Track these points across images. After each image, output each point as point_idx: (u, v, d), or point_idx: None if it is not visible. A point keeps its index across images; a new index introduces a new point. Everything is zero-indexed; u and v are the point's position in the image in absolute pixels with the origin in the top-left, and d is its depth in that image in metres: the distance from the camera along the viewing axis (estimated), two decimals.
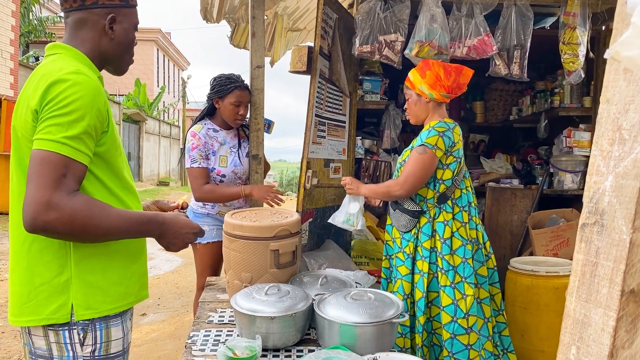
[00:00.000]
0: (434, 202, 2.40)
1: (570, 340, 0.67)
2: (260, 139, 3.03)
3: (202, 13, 4.50)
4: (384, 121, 4.51)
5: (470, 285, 2.32)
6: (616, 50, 0.62)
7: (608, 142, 0.65)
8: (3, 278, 5.59)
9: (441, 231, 2.36)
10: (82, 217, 1.17)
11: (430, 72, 2.37)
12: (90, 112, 1.21)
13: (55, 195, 1.14)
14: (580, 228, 0.67)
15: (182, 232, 1.40)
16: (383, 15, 3.35)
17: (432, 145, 2.32)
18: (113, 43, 1.39)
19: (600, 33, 3.96)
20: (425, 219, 2.40)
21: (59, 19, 17.29)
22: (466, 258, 2.35)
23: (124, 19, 1.40)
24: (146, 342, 3.91)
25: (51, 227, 1.15)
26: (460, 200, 2.42)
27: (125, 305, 1.37)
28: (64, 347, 1.27)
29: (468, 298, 2.31)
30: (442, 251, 2.34)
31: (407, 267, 2.42)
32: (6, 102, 9.90)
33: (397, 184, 2.36)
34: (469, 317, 2.30)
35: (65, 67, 1.24)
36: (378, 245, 3.92)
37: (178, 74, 33.61)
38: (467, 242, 2.36)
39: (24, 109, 1.26)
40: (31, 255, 1.27)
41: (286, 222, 2.03)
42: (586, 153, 4.10)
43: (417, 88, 2.43)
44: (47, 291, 1.25)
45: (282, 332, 1.63)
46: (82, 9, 1.34)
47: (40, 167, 1.15)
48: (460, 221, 2.39)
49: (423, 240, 2.38)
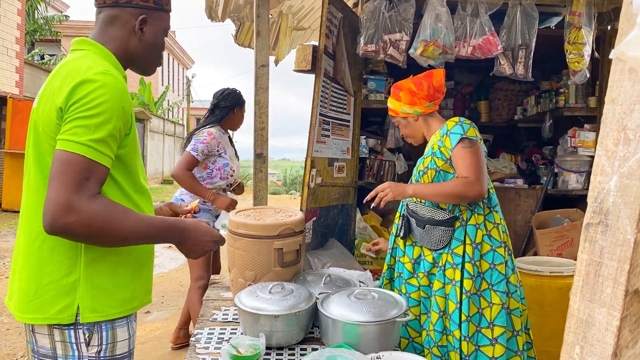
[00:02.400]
0: (466, 205, 2.21)
1: (574, 339, 0.67)
2: (265, 137, 3.04)
3: (207, 12, 4.51)
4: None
5: (497, 293, 2.15)
6: (621, 50, 0.62)
7: (613, 142, 0.65)
8: (8, 275, 5.62)
9: (472, 235, 2.18)
10: (101, 221, 1.16)
11: (403, 92, 2.31)
12: (116, 114, 1.21)
13: (76, 198, 1.13)
14: (584, 228, 0.67)
15: (203, 239, 1.38)
16: (388, 14, 3.34)
17: (476, 137, 2.18)
18: (141, 44, 1.38)
19: (605, 33, 3.95)
20: (458, 223, 2.20)
21: (64, 17, 17.36)
22: (495, 264, 2.17)
23: (155, 22, 1.39)
24: (150, 339, 3.92)
25: (70, 229, 1.14)
26: (490, 200, 2.26)
27: (130, 310, 1.36)
28: (69, 346, 1.26)
29: (494, 307, 2.14)
30: (474, 256, 2.16)
31: (439, 280, 2.21)
32: (11, 100, 9.95)
33: (470, 182, 2.11)
34: (494, 327, 2.13)
35: (93, 66, 1.23)
36: None
37: (182, 73, 33.66)
38: (498, 246, 2.19)
39: (47, 105, 1.24)
40: (42, 253, 1.26)
41: (290, 220, 2.04)
42: (591, 153, 4.08)
43: (400, 112, 2.35)
44: (54, 290, 1.24)
45: (286, 330, 1.64)
46: (115, 6, 1.34)
47: (63, 169, 1.14)
48: (492, 222, 2.23)
49: (454, 247, 2.19)
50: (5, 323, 4.17)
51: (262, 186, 3.13)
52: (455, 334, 2.14)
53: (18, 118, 9.67)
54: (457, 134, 2.18)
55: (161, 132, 21.46)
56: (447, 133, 2.22)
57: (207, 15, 4.55)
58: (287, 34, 5.08)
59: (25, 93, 12.02)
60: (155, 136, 20.65)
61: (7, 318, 4.27)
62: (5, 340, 3.81)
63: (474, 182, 2.11)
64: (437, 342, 2.18)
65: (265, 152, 3.04)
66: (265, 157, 3.03)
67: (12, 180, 9.45)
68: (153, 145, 20.19)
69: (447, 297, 2.18)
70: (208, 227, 1.41)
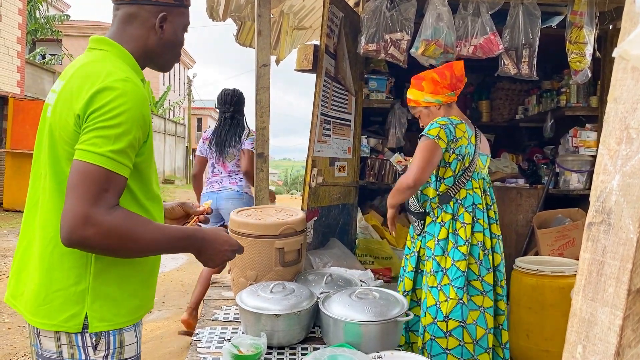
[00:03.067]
0: (436, 202, 2.40)
1: (576, 339, 0.67)
2: (266, 137, 3.04)
3: (208, 11, 4.50)
4: (390, 120, 4.50)
5: (454, 289, 2.28)
6: (624, 48, 0.62)
7: (615, 141, 0.65)
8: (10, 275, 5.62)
9: (437, 232, 2.36)
10: (120, 233, 1.14)
11: (426, 82, 2.42)
12: (137, 124, 1.18)
13: (94, 210, 1.11)
14: (587, 227, 0.67)
15: (222, 249, 1.36)
16: (389, 13, 3.34)
17: (433, 136, 2.30)
18: (161, 42, 1.34)
19: (607, 32, 3.94)
20: (430, 219, 2.42)
21: (65, 17, 17.37)
22: (455, 260, 2.30)
23: (176, 18, 1.35)
24: (151, 339, 3.93)
25: (89, 242, 1.12)
26: (465, 200, 2.36)
27: (138, 318, 1.34)
28: (76, 349, 1.25)
29: (450, 302, 2.28)
30: (435, 252, 2.34)
31: (411, 264, 2.47)
32: (13, 99, 9.95)
33: (405, 175, 2.35)
34: (448, 320, 2.27)
35: (114, 72, 1.20)
36: (383, 244, 3.92)
37: (184, 73, 33.69)
38: (462, 244, 2.30)
39: (65, 110, 1.20)
40: (53, 259, 1.24)
41: (291, 220, 2.04)
42: (592, 153, 4.08)
43: (422, 102, 2.45)
44: (62, 298, 1.23)
45: (287, 329, 1.64)
46: (134, 4, 1.30)
47: (82, 180, 1.12)
48: (462, 222, 2.34)
49: (427, 240, 2.41)
50: (7, 322, 4.17)
51: (263, 186, 3.12)
52: (423, 321, 2.35)
53: (19, 118, 9.68)
54: (423, 133, 2.36)
55: (162, 132, 21.48)
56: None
57: (208, 14, 4.54)
58: (288, 34, 5.08)
59: (26, 93, 12.03)
60: (157, 136, 20.67)
61: (8, 317, 4.28)
62: (6, 340, 3.82)
63: (406, 175, 2.32)
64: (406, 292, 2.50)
65: (267, 152, 3.04)
66: (267, 156, 3.03)
67: (14, 180, 9.45)
68: (154, 145, 20.14)
69: (419, 286, 2.44)
70: (227, 236, 1.39)
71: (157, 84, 26.45)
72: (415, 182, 2.29)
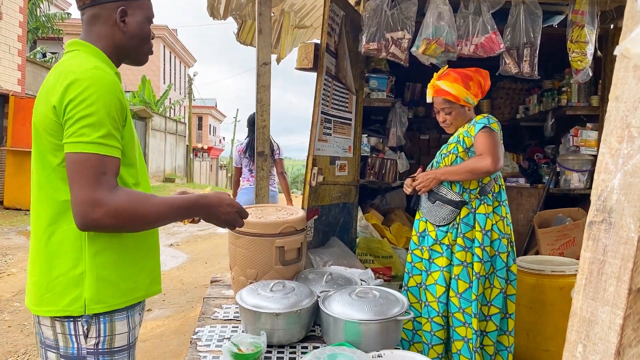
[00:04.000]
0: (476, 194, 2.44)
1: (576, 338, 0.67)
2: (266, 136, 3.04)
3: (209, 10, 4.50)
4: (390, 119, 4.50)
5: (498, 279, 2.42)
6: (626, 47, 0.62)
7: (617, 140, 0.64)
8: (10, 273, 5.63)
9: (482, 222, 2.41)
10: (127, 210, 1.23)
11: (473, 82, 2.46)
12: (112, 106, 1.25)
13: (98, 193, 1.20)
14: (587, 226, 0.67)
15: (225, 211, 1.43)
16: (390, 12, 3.34)
17: (497, 130, 2.41)
18: (126, 36, 1.41)
19: (608, 31, 3.94)
20: (467, 210, 2.43)
21: (66, 15, 17.36)
22: (499, 252, 2.42)
23: (136, 11, 1.42)
24: (151, 337, 3.93)
25: (101, 223, 1.21)
26: (500, 195, 2.49)
27: (133, 300, 1.39)
28: (68, 338, 1.30)
29: (494, 289, 2.42)
30: (483, 242, 2.39)
31: (447, 258, 2.44)
32: (13, 97, 9.95)
33: (483, 158, 2.33)
34: (491, 306, 2.43)
35: (82, 64, 1.27)
36: (383, 243, 3.92)
37: (184, 71, 33.68)
38: (503, 236, 2.43)
39: (43, 105, 1.29)
40: (50, 248, 1.30)
41: (291, 219, 2.03)
42: (593, 152, 4.07)
43: (462, 100, 2.48)
44: (63, 283, 1.29)
45: (287, 328, 1.64)
46: (95, 5, 1.37)
47: (80, 169, 1.21)
48: (499, 215, 2.45)
49: (465, 231, 2.41)
50: (7, 320, 4.18)
51: (263, 184, 3.12)
52: (467, 311, 2.37)
53: (20, 116, 9.68)
54: (482, 123, 2.42)
55: (163, 131, 21.48)
56: (473, 123, 2.47)
57: (209, 13, 4.54)
58: (289, 32, 5.07)
59: (27, 91, 12.02)
60: (157, 134, 20.67)
61: (8, 315, 4.28)
62: (7, 338, 3.82)
63: (485, 157, 2.33)
64: (440, 313, 2.43)
65: (267, 150, 3.03)
66: (267, 155, 3.03)
67: (15, 178, 9.46)
68: (155, 143, 20.20)
69: (457, 277, 2.41)
70: (230, 200, 1.46)
71: (157, 83, 26.45)
72: (495, 169, 2.34)
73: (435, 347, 2.44)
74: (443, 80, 2.50)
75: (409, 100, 5.56)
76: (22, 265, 5.89)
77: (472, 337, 2.35)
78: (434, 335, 2.44)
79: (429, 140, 5.83)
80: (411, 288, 2.59)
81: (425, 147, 5.80)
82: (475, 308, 2.36)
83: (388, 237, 4.09)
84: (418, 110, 5.67)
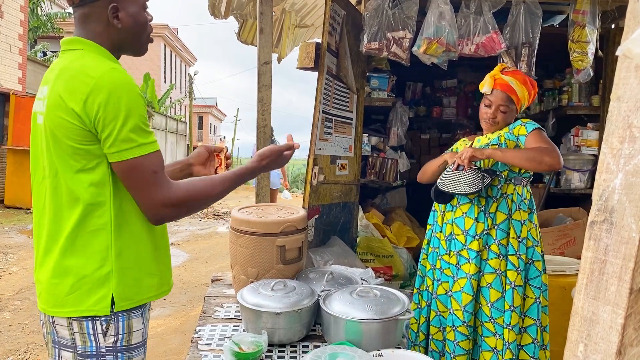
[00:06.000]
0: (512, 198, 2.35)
1: (578, 337, 0.67)
2: (267, 135, 3.04)
3: (210, 9, 4.50)
4: (391, 118, 4.50)
5: (531, 288, 2.29)
6: (628, 47, 0.62)
7: (618, 140, 0.65)
8: (11, 271, 5.63)
9: (518, 229, 2.30)
10: (190, 198, 1.34)
11: (534, 92, 2.42)
12: (140, 104, 1.27)
13: (161, 192, 1.29)
14: (589, 225, 0.67)
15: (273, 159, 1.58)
16: (391, 12, 3.34)
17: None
18: (122, 31, 1.36)
19: (609, 31, 3.94)
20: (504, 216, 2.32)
21: (67, 14, 17.35)
22: (533, 260, 2.30)
23: (128, 4, 1.36)
24: (152, 336, 3.93)
25: (173, 217, 1.33)
26: (531, 203, 2.39)
27: (157, 295, 1.42)
28: (87, 337, 1.31)
29: (527, 299, 2.30)
30: (519, 250, 2.28)
31: (476, 265, 2.28)
32: (14, 96, 9.95)
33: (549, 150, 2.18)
34: (525, 317, 2.29)
35: (98, 67, 1.25)
36: (383, 243, 3.92)
37: (185, 70, 33.67)
38: (537, 244, 2.32)
39: (58, 109, 1.24)
40: (75, 249, 1.30)
41: (292, 218, 2.04)
42: (594, 152, 4.07)
43: (520, 104, 2.41)
44: (89, 283, 1.29)
45: (288, 327, 1.64)
46: (85, 4, 1.33)
47: (137, 175, 1.27)
48: (532, 222, 2.35)
49: (501, 238, 2.28)
50: (8, 319, 4.18)
51: (264, 183, 3.13)
52: (499, 321, 2.25)
53: (21, 114, 9.67)
54: (533, 124, 2.32)
55: (163, 130, 21.48)
56: (522, 124, 2.34)
57: (210, 12, 4.54)
58: (290, 32, 5.08)
59: (27, 90, 12.02)
60: (158, 133, 20.65)
61: (9, 314, 4.29)
62: (7, 336, 3.83)
63: (553, 151, 2.18)
64: (466, 322, 2.28)
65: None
66: None
67: (15, 177, 9.46)
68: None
69: (490, 286, 2.27)
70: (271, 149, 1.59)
71: (158, 82, 26.43)
72: (560, 167, 2.24)
73: (458, 357, 2.30)
74: (512, 77, 2.36)
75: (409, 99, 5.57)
76: (22, 264, 5.89)
77: (502, 348, 2.23)
78: (457, 345, 2.29)
79: (430, 140, 5.83)
80: (440, 296, 2.41)
81: (426, 147, 5.80)
82: (509, 319, 2.22)
83: (389, 237, 4.09)
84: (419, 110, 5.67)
